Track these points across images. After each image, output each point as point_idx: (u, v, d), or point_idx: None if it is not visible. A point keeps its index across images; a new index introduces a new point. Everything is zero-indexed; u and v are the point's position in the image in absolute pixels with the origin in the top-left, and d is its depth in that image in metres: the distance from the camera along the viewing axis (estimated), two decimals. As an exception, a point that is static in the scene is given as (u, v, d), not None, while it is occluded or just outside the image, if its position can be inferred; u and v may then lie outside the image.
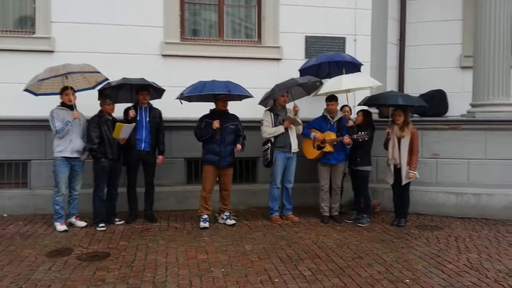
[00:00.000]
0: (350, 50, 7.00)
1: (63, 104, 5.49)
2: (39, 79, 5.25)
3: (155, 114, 5.89)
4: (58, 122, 5.36)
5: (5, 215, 6.05)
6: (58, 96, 5.56)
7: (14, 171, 6.26)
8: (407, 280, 3.96)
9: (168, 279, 3.93)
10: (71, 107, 5.44)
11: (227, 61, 6.71)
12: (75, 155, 5.48)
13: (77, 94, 5.63)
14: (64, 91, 5.47)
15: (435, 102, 7.53)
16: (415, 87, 7.83)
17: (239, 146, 5.73)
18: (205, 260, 4.44)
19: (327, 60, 6.37)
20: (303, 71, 6.49)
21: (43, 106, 5.59)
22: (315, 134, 6.00)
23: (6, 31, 6.26)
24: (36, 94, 5.64)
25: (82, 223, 5.61)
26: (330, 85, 5.91)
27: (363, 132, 5.71)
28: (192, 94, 5.52)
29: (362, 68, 6.59)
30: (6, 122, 6.07)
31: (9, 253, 4.57)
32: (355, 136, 5.73)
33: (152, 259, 4.43)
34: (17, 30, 6.31)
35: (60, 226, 5.38)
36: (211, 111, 5.83)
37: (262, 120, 6.02)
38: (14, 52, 6.11)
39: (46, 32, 6.21)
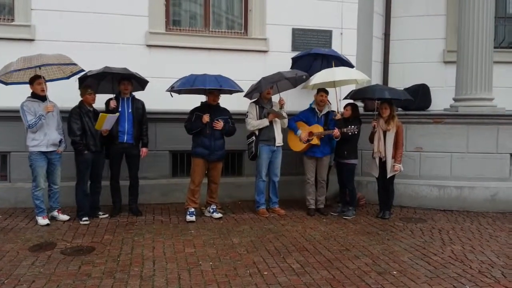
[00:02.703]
0: (337, 44, 7.02)
1: (34, 95, 5.24)
2: (11, 69, 4.98)
3: (138, 105, 5.76)
4: (30, 116, 5.12)
5: (-17, 208, 5.88)
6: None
7: (-8, 163, 6.07)
8: (394, 272, 4.02)
9: (156, 273, 3.88)
10: (43, 98, 5.21)
11: (213, 53, 6.62)
12: (51, 148, 5.28)
13: (51, 84, 5.42)
14: (35, 80, 5.19)
15: (419, 96, 7.63)
16: (399, 81, 7.90)
17: (220, 123, 5.61)
18: (192, 253, 4.40)
19: (323, 53, 6.38)
20: (296, 60, 6.46)
21: (23, 97, 5.38)
22: (301, 132, 5.99)
23: (-17, 18, 6.02)
24: (6, 84, 5.41)
25: (65, 217, 5.49)
26: (322, 76, 5.89)
27: (353, 126, 5.73)
28: (183, 88, 5.42)
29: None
30: (-17, 112, 5.86)
31: (-11, 248, 4.44)
32: (345, 129, 5.75)
33: (138, 253, 4.37)
34: (-6, 17, 6.08)
35: (42, 220, 5.25)
36: (202, 104, 5.75)
37: (247, 112, 5.98)
38: (-9, 40, 5.89)
39: (26, 20, 5.98)
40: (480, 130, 6.50)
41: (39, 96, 5.21)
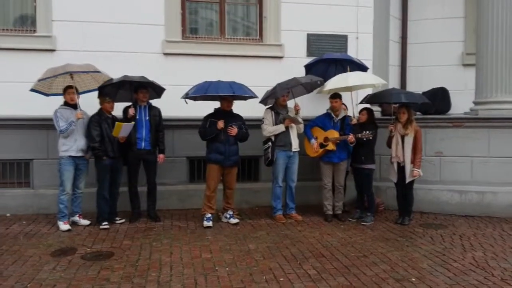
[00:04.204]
0: (352, 48, 6.98)
1: (66, 103, 5.48)
2: (38, 79, 5.28)
3: (155, 112, 5.87)
4: (62, 122, 5.35)
5: (8, 214, 6.04)
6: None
7: (16, 170, 6.24)
8: (413, 279, 3.95)
9: (173, 279, 3.91)
10: (75, 106, 5.43)
11: (228, 59, 6.68)
12: (80, 154, 5.49)
13: (88, 95, 5.68)
14: (66, 90, 5.45)
15: (438, 100, 7.54)
16: (417, 85, 7.84)
17: (235, 129, 5.65)
18: (209, 259, 4.43)
19: (335, 57, 6.37)
20: (310, 67, 6.45)
21: (46, 106, 5.58)
22: (314, 141, 5.97)
23: (7, 29, 6.23)
24: (47, 95, 5.66)
25: (86, 222, 5.62)
26: (336, 81, 5.90)
27: (368, 131, 5.69)
28: (197, 95, 5.49)
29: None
30: (8, 121, 6.04)
31: (13, 252, 4.56)
32: (359, 135, 5.70)
33: (156, 258, 4.42)
34: (18, 29, 6.27)
35: (64, 226, 5.37)
36: (216, 110, 5.81)
37: (263, 118, 6.00)
38: (15, 51, 6.07)
39: (47, 31, 6.17)
40: (502, 133, 6.34)
41: (71, 104, 5.42)
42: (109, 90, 5.75)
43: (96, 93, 5.75)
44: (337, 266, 4.25)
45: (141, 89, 5.75)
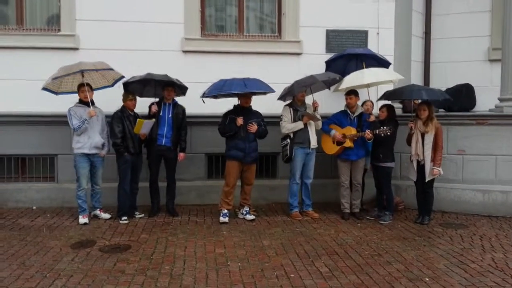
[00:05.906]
0: (373, 44, 6.88)
1: (80, 101, 5.60)
2: (52, 77, 5.41)
3: (179, 110, 5.95)
4: (75, 120, 5.47)
5: (34, 207, 6.29)
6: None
7: (42, 165, 6.49)
8: (427, 279, 3.88)
9: (185, 272, 3.99)
10: (88, 104, 5.53)
11: (247, 56, 6.70)
12: (94, 151, 5.59)
13: (96, 92, 5.78)
14: (80, 88, 5.57)
15: (462, 96, 7.31)
16: (441, 81, 7.62)
17: (255, 126, 5.67)
18: (222, 254, 4.48)
19: (357, 52, 6.29)
20: (330, 62, 6.39)
21: (70, 103, 5.73)
22: (335, 132, 5.92)
23: (33, 29, 6.47)
24: (56, 93, 5.81)
25: (107, 215, 5.78)
26: (351, 79, 5.83)
27: (385, 127, 5.59)
28: (211, 95, 5.54)
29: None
30: (34, 118, 6.29)
31: (36, 244, 4.75)
32: (377, 131, 5.62)
33: (171, 252, 4.51)
34: (43, 28, 6.51)
35: (82, 219, 5.54)
36: (235, 106, 5.85)
37: (281, 115, 6.00)
38: (40, 50, 6.30)
39: (70, 30, 6.38)
40: (528, 131, 6.11)
41: (85, 102, 5.54)
42: (136, 87, 5.86)
43: (108, 90, 5.87)
44: (349, 264, 4.22)
45: (167, 87, 5.84)
